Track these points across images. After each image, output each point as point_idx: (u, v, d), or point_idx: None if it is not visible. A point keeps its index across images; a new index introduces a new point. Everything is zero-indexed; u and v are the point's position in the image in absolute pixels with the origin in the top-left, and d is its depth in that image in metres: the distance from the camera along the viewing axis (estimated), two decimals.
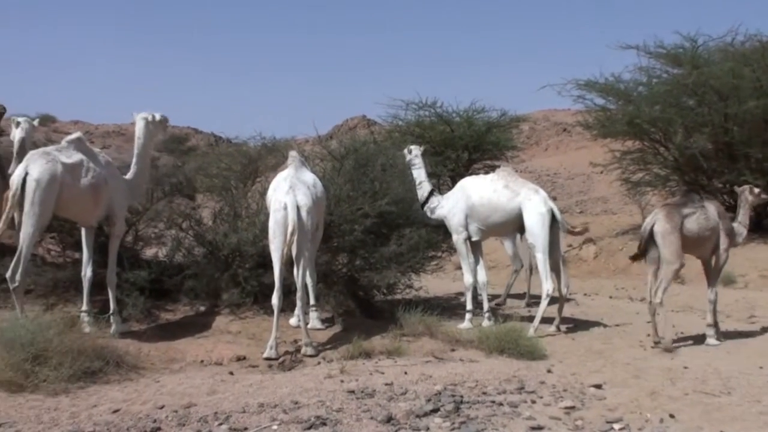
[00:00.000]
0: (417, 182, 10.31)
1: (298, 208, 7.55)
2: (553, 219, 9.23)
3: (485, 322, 9.28)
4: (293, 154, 8.62)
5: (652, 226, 8.41)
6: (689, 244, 8.45)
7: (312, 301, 8.66)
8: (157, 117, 8.59)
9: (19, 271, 7.18)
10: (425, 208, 10.21)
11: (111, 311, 7.88)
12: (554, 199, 15.42)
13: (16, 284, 7.17)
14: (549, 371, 6.93)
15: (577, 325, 9.86)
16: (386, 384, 6.18)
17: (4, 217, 7.16)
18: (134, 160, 8.56)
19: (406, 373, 6.67)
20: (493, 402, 5.72)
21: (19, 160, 7.88)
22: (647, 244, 8.47)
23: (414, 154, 10.35)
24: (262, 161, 13.07)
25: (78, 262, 8.52)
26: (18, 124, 8.58)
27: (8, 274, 7.19)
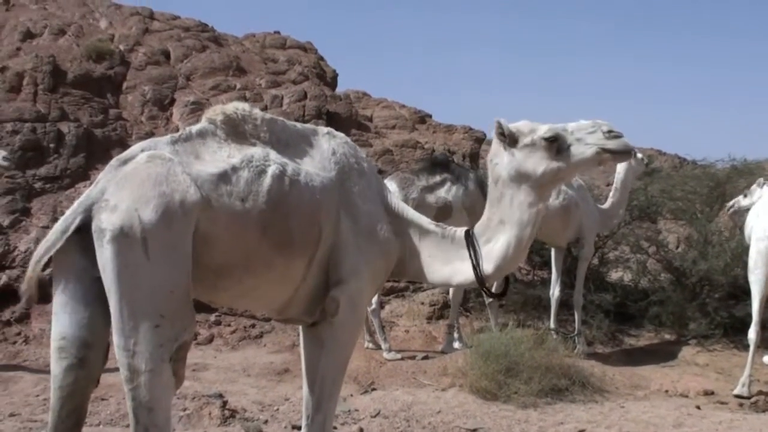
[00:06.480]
0: None
1: None
2: None
3: None
4: None
5: None
6: None
7: None
8: (639, 156, 8.65)
9: None
10: None
11: (576, 331, 8.12)
12: None
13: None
14: None
15: None
16: None
17: None
18: (612, 192, 8.70)
19: None
20: None
21: None
22: None
23: None
24: (730, 184, 12.30)
25: (546, 282, 8.96)
26: None
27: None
